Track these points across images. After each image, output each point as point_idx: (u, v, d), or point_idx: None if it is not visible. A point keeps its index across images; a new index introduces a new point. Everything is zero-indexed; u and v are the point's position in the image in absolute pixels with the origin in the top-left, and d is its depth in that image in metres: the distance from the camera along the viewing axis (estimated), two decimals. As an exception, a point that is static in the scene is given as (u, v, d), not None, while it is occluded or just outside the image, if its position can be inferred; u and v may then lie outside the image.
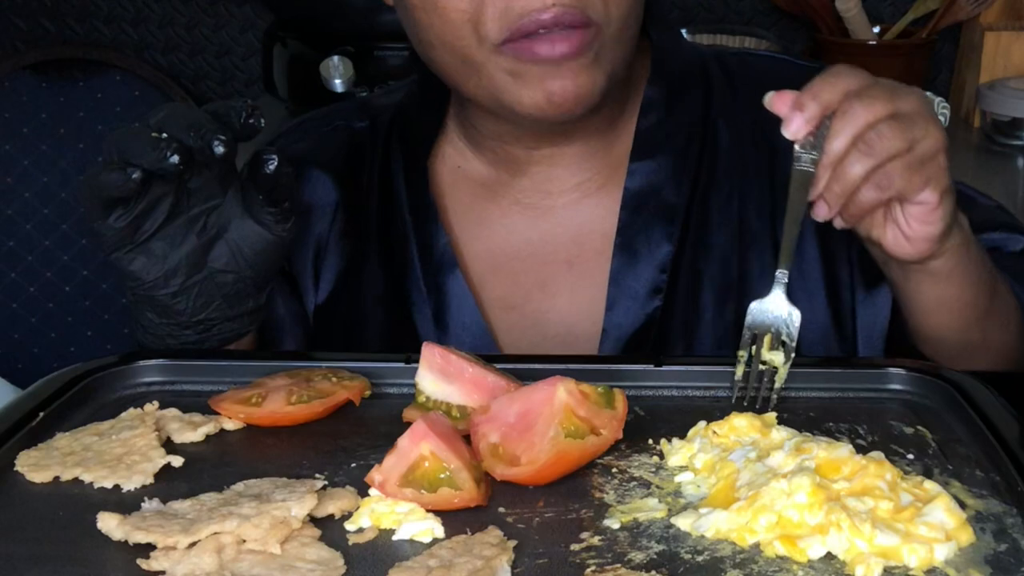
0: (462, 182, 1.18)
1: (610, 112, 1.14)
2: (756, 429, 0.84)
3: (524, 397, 0.84)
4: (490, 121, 1.13)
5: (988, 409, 0.88)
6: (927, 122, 0.94)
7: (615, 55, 1.04)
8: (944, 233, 0.97)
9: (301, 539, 0.74)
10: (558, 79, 1.01)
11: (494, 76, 1.03)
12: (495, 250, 1.16)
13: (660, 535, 0.75)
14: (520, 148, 1.14)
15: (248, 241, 1.01)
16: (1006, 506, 0.77)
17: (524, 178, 1.16)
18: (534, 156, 1.14)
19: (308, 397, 0.90)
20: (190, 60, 2.59)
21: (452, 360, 0.90)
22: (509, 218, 1.16)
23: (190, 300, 1.01)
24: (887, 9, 2.43)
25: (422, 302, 1.14)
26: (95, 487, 0.81)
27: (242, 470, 0.82)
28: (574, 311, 1.14)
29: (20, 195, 2.32)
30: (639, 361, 0.97)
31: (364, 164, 1.20)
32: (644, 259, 1.11)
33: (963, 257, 1.02)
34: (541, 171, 1.15)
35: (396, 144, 1.20)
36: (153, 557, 0.71)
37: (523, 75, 1.02)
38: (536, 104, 1.03)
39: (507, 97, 1.03)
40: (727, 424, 0.85)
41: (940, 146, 0.94)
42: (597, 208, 1.15)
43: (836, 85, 0.93)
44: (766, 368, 0.93)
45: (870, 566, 0.70)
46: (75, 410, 0.92)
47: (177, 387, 0.97)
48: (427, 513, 0.76)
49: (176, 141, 0.92)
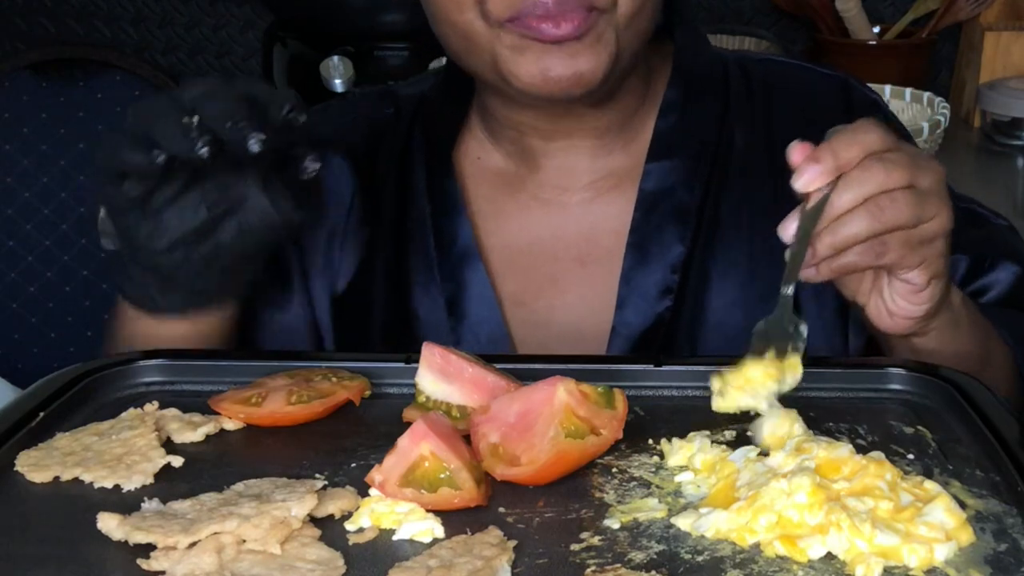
0: (482, 174, 1.19)
1: (626, 109, 1.14)
2: (771, 377, 0.84)
3: (524, 397, 0.84)
4: (504, 107, 1.13)
5: (988, 409, 0.88)
6: (940, 203, 0.91)
7: (623, 42, 1.05)
8: (928, 315, 0.96)
9: (301, 539, 0.74)
10: (556, 57, 1.02)
11: (496, 51, 1.04)
12: (510, 244, 1.16)
13: (660, 535, 0.75)
14: (536, 139, 1.14)
15: (260, 220, 0.97)
16: (1006, 506, 0.77)
17: (540, 172, 1.16)
18: (550, 148, 1.15)
19: (308, 397, 0.90)
20: (190, 60, 2.59)
21: (452, 360, 0.90)
22: (525, 212, 1.16)
23: (190, 269, 0.99)
24: (887, 9, 2.43)
25: (435, 292, 1.14)
26: (95, 487, 0.81)
27: (242, 470, 0.82)
28: (584, 309, 1.14)
29: (20, 195, 2.32)
30: (639, 361, 0.97)
31: (383, 151, 1.20)
32: (656, 259, 1.12)
33: (949, 335, 1.00)
34: (557, 165, 1.15)
35: (418, 133, 1.20)
36: (153, 557, 0.71)
37: (523, 50, 1.03)
38: (532, 79, 1.03)
39: (506, 70, 1.04)
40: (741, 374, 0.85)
41: (944, 231, 0.92)
42: (611, 207, 1.15)
43: (858, 143, 0.89)
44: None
45: (870, 566, 0.70)
46: (75, 410, 0.92)
47: (177, 387, 0.97)
48: (427, 513, 0.76)
49: (209, 132, 0.87)
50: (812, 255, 0.89)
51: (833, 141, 0.90)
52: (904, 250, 0.91)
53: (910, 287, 0.94)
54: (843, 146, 0.89)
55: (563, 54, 1.02)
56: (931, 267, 0.93)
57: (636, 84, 1.14)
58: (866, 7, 2.30)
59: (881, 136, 0.90)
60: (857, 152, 0.89)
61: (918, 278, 0.93)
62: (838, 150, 0.89)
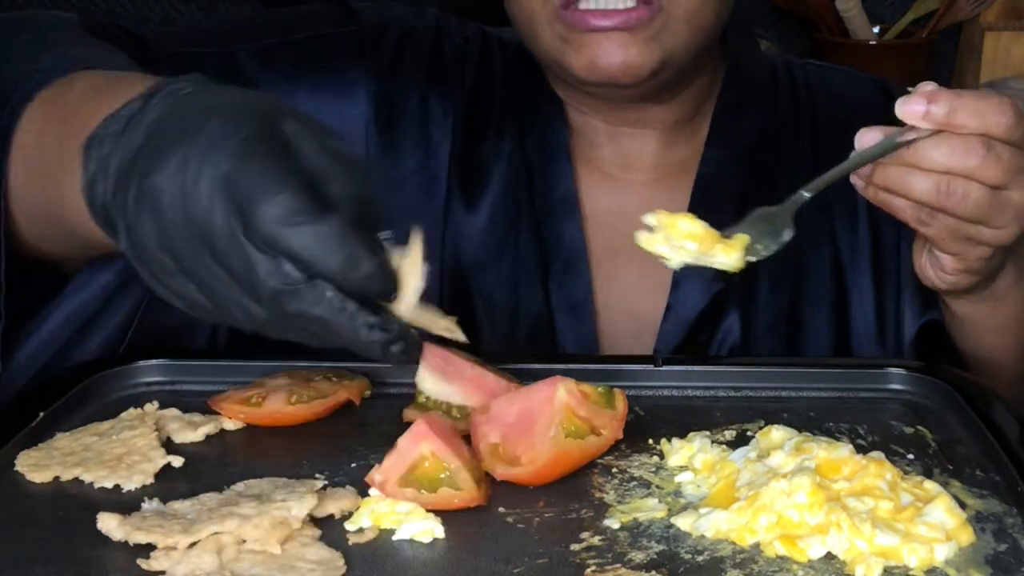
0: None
1: (691, 106, 1.16)
2: (698, 240, 0.83)
3: (524, 397, 0.84)
4: (569, 90, 1.14)
5: (988, 409, 0.88)
6: (1014, 218, 0.88)
7: (677, 39, 1.06)
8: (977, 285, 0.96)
9: (301, 539, 0.74)
10: (604, 46, 1.04)
11: (550, 40, 1.06)
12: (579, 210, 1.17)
13: (660, 535, 0.75)
14: (599, 122, 1.16)
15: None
16: (1006, 506, 0.77)
17: (604, 149, 1.17)
18: (615, 132, 1.16)
19: (308, 397, 0.90)
20: (190, 60, 2.59)
21: (452, 360, 0.90)
22: (590, 183, 1.17)
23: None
24: (887, 9, 2.43)
25: (530, 247, 1.14)
26: (95, 487, 0.81)
27: (242, 470, 0.82)
28: (640, 286, 1.15)
29: (20, 195, 2.32)
30: (639, 361, 0.98)
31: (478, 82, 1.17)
32: None
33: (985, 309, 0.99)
34: (622, 148, 1.17)
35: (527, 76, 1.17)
36: (153, 557, 0.71)
37: (572, 42, 1.05)
38: (582, 68, 1.05)
39: (561, 59, 1.06)
40: (675, 222, 0.84)
41: (998, 244, 0.90)
42: (672, 190, 1.17)
43: (980, 117, 0.84)
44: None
45: (870, 566, 0.70)
46: (75, 410, 0.92)
47: (177, 387, 0.97)
48: (427, 513, 0.76)
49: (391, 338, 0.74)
50: (871, 173, 0.88)
51: (963, 98, 0.85)
52: (947, 235, 0.90)
53: (939, 263, 0.94)
54: (966, 110, 0.84)
55: (612, 44, 1.04)
56: (966, 263, 0.92)
57: (703, 83, 1.16)
58: (866, 7, 2.30)
59: (1009, 124, 0.85)
60: (974, 125, 0.85)
61: (949, 264, 0.93)
62: (958, 108, 0.84)
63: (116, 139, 0.76)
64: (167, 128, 0.73)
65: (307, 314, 0.70)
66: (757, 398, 0.94)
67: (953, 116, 0.84)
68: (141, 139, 0.74)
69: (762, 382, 0.95)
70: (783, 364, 0.98)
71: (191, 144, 0.70)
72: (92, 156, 0.76)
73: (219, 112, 0.72)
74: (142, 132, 0.74)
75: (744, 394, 0.95)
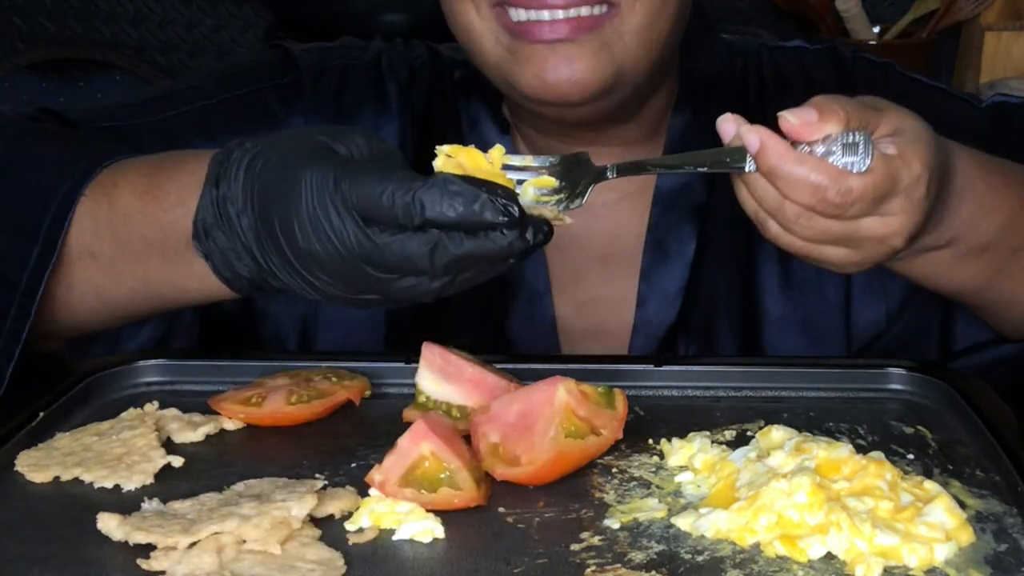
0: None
1: (653, 121, 1.13)
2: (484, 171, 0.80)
3: (524, 397, 0.84)
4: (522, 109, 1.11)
5: (988, 409, 0.88)
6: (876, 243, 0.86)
7: (631, 51, 1.01)
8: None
9: (301, 539, 0.74)
10: (552, 61, 0.99)
11: (494, 50, 1.02)
12: None
13: (660, 535, 0.75)
14: (555, 141, 1.12)
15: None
16: (1006, 506, 0.77)
17: None
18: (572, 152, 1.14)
19: (308, 397, 0.90)
20: (190, 60, 2.59)
21: (452, 360, 0.90)
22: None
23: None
24: (887, 9, 2.43)
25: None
26: (95, 487, 0.81)
27: (242, 470, 0.82)
28: (606, 306, 1.14)
29: (20, 195, 2.32)
30: (639, 361, 0.98)
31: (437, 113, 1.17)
32: (674, 258, 1.12)
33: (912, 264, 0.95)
34: None
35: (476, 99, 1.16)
36: (153, 557, 0.71)
37: (519, 54, 1.01)
38: (531, 86, 1.01)
39: (509, 75, 1.02)
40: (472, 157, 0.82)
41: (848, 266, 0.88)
42: (633, 211, 1.15)
43: (801, 188, 0.83)
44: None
45: (870, 566, 0.70)
46: (75, 410, 0.92)
47: (177, 387, 0.97)
48: (427, 513, 0.76)
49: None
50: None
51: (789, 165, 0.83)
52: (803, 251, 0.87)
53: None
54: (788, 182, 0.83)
55: (559, 58, 0.99)
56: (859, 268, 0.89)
57: (661, 100, 1.12)
58: (866, 7, 2.30)
59: (835, 202, 0.83)
60: (799, 194, 0.83)
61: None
62: (780, 168, 0.83)
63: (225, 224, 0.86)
64: (268, 199, 0.83)
65: (460, 256, 0.79)
66: (757, 398, 0.94)
67: (777, 172, 0.84)
68: (251, 220, 0.84)
69: (762, 382, 0.96)
70: (783, 364, 0.98)
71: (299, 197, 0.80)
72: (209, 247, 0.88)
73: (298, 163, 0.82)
74: (248, 214, 0.85)
75: (744, 394, 0.95)
